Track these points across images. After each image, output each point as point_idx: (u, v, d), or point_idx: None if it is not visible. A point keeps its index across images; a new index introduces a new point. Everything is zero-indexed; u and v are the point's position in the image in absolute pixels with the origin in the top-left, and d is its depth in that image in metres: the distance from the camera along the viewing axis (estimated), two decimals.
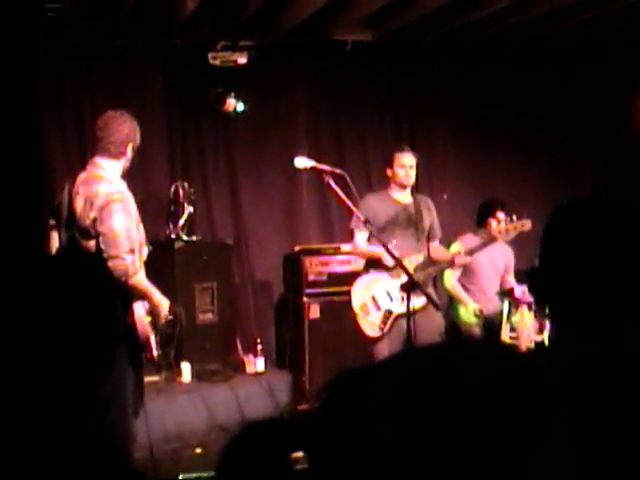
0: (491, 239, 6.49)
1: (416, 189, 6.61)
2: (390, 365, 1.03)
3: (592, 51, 8.94)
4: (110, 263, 4.38)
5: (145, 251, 4.88)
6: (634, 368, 1.78)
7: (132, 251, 4.49)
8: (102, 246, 4.46)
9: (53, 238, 6.13)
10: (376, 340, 6.20)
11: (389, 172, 6.33)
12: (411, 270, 5.89)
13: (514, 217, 5.99)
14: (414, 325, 5.86)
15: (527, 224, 6.24)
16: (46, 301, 1.74)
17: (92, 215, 4.49)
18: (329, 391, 1.03)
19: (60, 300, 1.75)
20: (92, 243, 4.51)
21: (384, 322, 6.14)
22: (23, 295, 1.74)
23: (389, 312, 6.14)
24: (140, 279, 4.58)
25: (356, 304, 6.32)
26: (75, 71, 7.66)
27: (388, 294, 6.19)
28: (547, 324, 6.42)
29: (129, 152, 4.76)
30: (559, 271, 1.86)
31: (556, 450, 0.95)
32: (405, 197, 6.37)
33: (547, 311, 1.94)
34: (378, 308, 6.21)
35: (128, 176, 4.90)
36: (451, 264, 6.47)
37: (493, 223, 7.38)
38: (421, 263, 6.17)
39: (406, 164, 6.25)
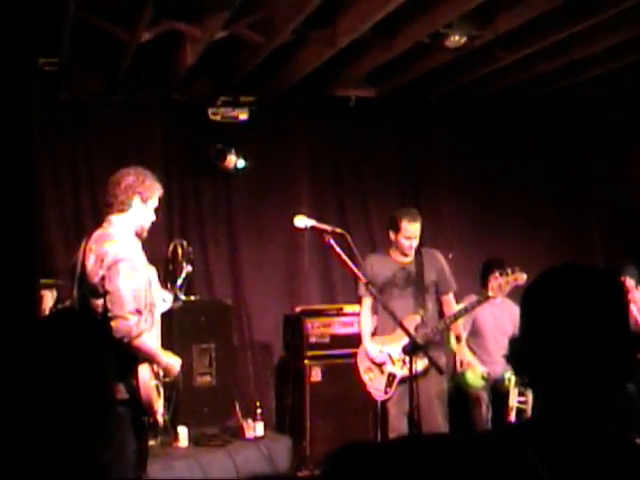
0: (481, 300, 6.24)
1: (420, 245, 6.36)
2: (394, 447, 1.13)
3: (598, 110, 8.90)
4: (114, 323, 4.31)
5: (164, 306, 4.79)
6: (611, 440, 1.75)
7: (138, 312, 4.39)
8: (108, 305, 4.37)
9: (45, 297, 5.99)
10: (385, 401, 6.19)
11: (392, 236, 6.15)
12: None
13: (508, 270, 5.91)
14: (417, 388, 5.75)
15: (521, 277, 6.02)
16: (39, 365, 1.77)
17: (101, 273, 4.42)
18: (333, 460, 1.11)
19: (53, 365, 1.77)
20: (100, 302, 4.43)
21: (389, 385, 6.10)
22: (15, 359, 1.77)
23: (392, 375, 6.10)
24: (145, 341, 4.45)
25: (362, 369, 6.30)
26: (71, 127, 7.58)
27: (390, 358, 6.11)
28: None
29: (136, 204, 4.62)
30: (534, 342, 1.82)
31: None
32: (407, 257, 6.21)
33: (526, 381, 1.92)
34: (382, 372, 6.16)
35: None
36: (448, 329, 6.34)
37: (492, 282, 7.23)
38: (420, 324, 6.01)
39: (412, 236, 6.07)
